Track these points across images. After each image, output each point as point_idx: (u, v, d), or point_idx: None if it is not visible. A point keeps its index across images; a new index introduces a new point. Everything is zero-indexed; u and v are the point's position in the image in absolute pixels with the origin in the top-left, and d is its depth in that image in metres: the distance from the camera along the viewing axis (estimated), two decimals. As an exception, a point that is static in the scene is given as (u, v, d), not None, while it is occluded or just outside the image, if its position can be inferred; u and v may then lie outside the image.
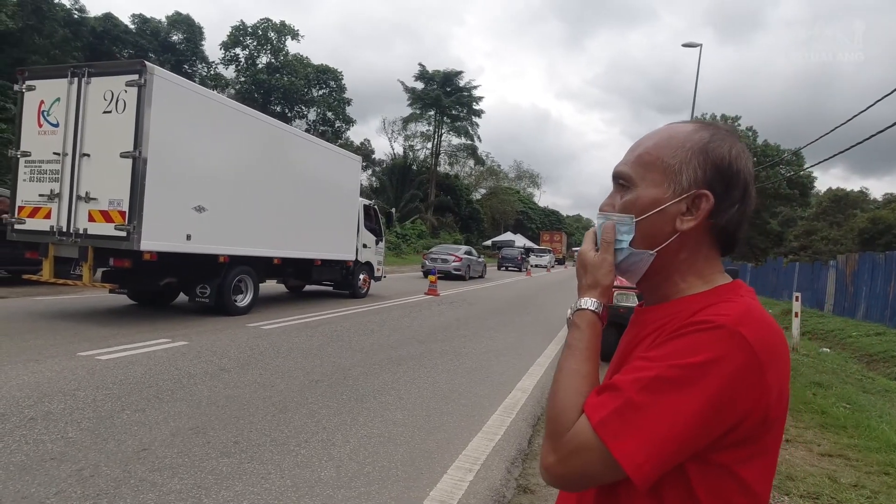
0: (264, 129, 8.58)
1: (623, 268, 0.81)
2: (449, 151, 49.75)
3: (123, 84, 6.41)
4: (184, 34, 35.40)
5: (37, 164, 6.83)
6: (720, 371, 0.64)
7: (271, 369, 5.08)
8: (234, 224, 7.85)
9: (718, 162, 0.76)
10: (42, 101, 6.85)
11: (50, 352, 5.00)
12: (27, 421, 3.34)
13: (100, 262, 6.80)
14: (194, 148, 7.17)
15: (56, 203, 6.68)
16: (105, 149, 6.52)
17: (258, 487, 2.77)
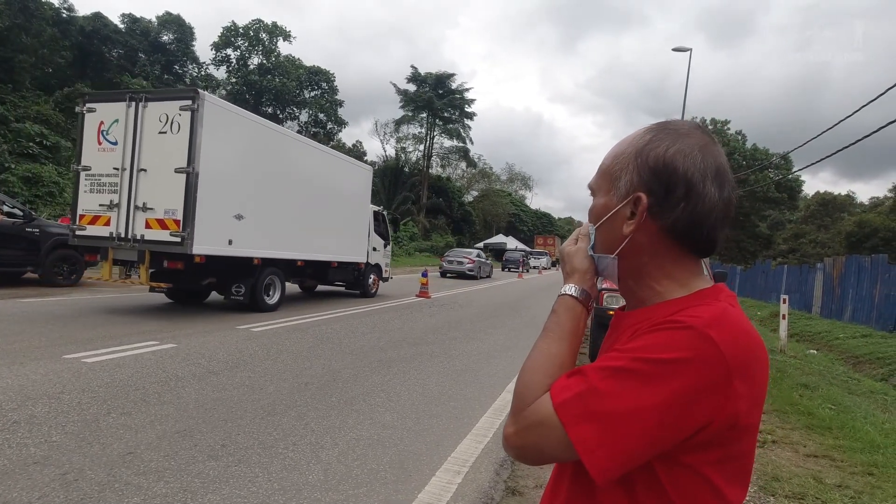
0: (291, 144, 9.61)
1: (599, 271, 0.83)
2: (441, 154, 49.85)
3: (178, 108, 7.31)
4: (174, 34, 35.15)
5: (96, 177, 7.68)
6: (685, 371, 0.64)
7: (260, 372, 5.05)
8: (266, 230, 8.71)
9: (653, 163, 0.75)
10: (102, 122, 7.70)
11: (35, 354, 4.94)
12: (10, 424, 3.29)
13: (155, 265, 7.60)
14: (236, 163, 8.09)
15: (115, 212, 7.52)
16: (161, 164, 7.35)
17: (245, 491, 2.75)
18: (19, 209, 9.73)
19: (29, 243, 9.52)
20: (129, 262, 7.73)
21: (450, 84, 45.84)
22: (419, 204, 43.76)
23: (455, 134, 47.43)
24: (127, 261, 7.73)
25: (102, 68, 30.23)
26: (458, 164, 53.70)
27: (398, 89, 45.74)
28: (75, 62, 29.26)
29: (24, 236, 9.45)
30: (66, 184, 17.81)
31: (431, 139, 47.41)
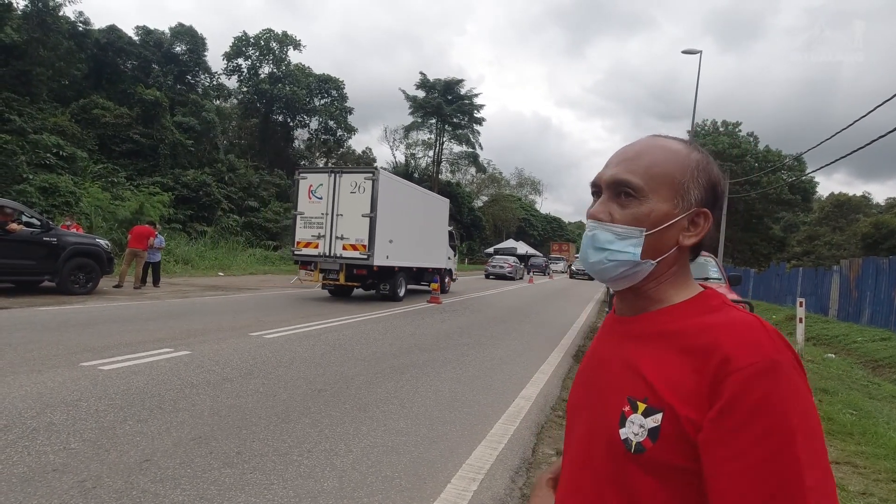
0: (411, 191, 14.29)
1: (616, 275, 0.81)
2: (450, 159, 49.97)
3: (363, 178, 11.82)
4: (187, 45, 35.63)
5: (308, 219, 12.21)
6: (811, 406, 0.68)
7: (274, 379, 5.06)
8: (401, 248, 12.89)
9: (715, 182, 0.82)
10: (311, 185, 12.25)
11: (52, 362, 5.00)
12: (30, 432, 3.33)
13: (348, 272, 11.98)
14: (391, 208, 12.31)
15: (322, 240, 12.03)
16: (352, 211, 11.81)
17: (261, 498, 2.75)
18: (37, 219, 9.88)
19: (46, 252, 9.67)
20: (331, 271, 12.03)
21: (458, 90, 45.99)
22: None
23: (464, 139, 47.57)
24: (330, 269, 12.03)
25: (117, 80, 30.72)
26: (468, 169, 53.80)
27: (407, 96, 46.03)
28: (91, 74, 29.77)
29: (42, 245, 9.60)
30: (83, 193, 18.09)
31: (441, 145, 47.59)
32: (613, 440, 0.75)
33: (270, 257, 24.02)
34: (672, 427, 0.69)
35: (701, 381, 0.68)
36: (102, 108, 25.28)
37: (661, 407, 0.71)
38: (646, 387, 0.74)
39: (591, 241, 0.82)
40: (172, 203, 22.61)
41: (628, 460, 0.72)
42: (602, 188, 0.83)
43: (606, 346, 0.86)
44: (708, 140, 41.82)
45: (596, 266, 0.82)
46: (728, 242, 35.79)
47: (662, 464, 0.70)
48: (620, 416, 0.75)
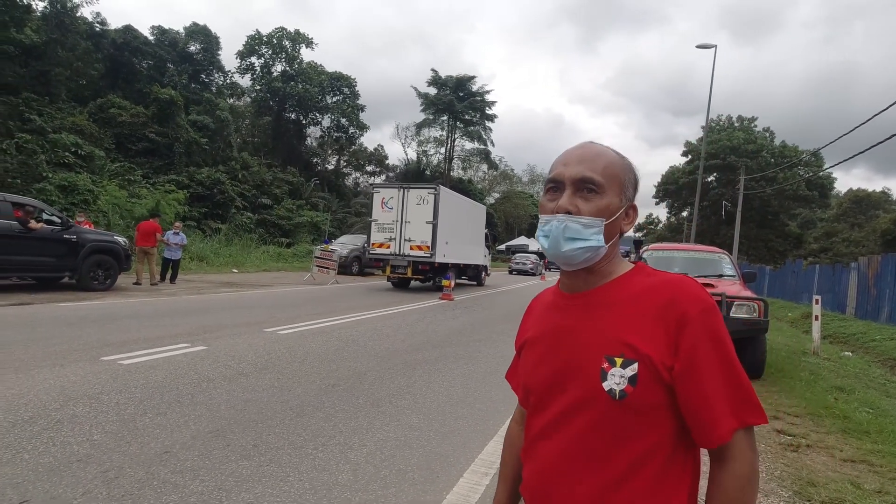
0: (460, 200, 17.58)
1: (583, 259, 0.96)
2: (462, 156, 49.91)
3: (427, 193, 14.89)
4: (201, 44, 35.95)
5: (381, 224, 15.22)
6: None
7: (288, 374, 5.14)
8: (453, 248, 15.87)
9: (637, 182, 1.03)
10: (383, 198, 15.30)
11: (74, 356, 5.13)
12: (54, 423, 3.43)
13: (414, 268, 14.87)
14: (447, 216, 15.24)
15: (393, 242, 14.99)
16: (418, 219, 14.79)
17: (277, 490, 2.81)
18: (57, 216, 10.09)
19: (66, 250, 9.87)
20: (400, 266, 14.94)
21: (470, 87, 45.89)
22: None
23: (476, 136, 47.46)
24: (399, 265, 14.94)
25: (133, 79, 31.11)
26: (480, 166, 53.71)
27: (419, 93, 46.02)
28: (107, 73, 30.20)
29: (62, 243, 9.80)
30: (100, 191, 18.38)
31: (452, 142, 47.55)
32: (598, 393, 0.91)
33: (283, 254, 24.22)
34: (647, 372, 0.88)
35: (667, 328, 0.89)
36: (119, 108, 25.63)
37: (636, 358, 0.89)
38: (619, 344, 0.91)
39: (564, 232, 0.94)
40: (187, 201, 22.88)
41: (613, 406, 0.90)
42: (566, 184, 0.97)
43: (562, 319, 1.01)
44: (723, 135, 41.29)
45: (568, 253, 0.95)
46: (743, 239, 35.31)
47: (642, 403, 0.89)
48: (601, 373, 0.91)
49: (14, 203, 9.40)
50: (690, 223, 29.91)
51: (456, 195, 17.37)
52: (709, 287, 6.42)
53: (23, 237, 9.19)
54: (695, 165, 37.75)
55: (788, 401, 5.46)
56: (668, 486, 0.90)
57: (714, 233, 40.44)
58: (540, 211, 1.01)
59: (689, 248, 8.59)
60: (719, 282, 6.87)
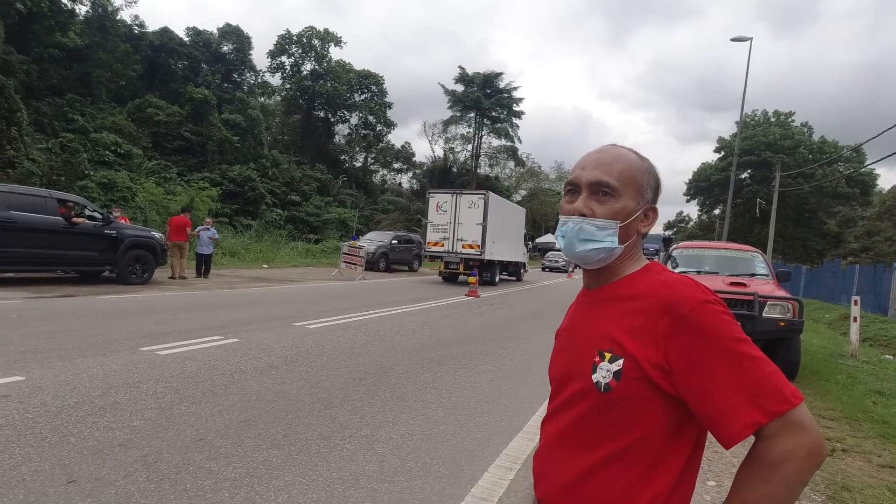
0: (505, 204, 19.35)
1: (597, 259, 1.00)
2: (489, 153, 49.70)
3: (478, 198, 16.72)
4: (233, 44, 36.77)
5: (436, 226, 17.11)
6: None
7: (316, 367, 5.25)
8: (499, 246, 17.76)
9: (658, 184, 1.05)
10: (438, 202, 17.21)
11: (115, 346, 5.35)
12: (97, 410, 3.60)
13: (465, 264, 16.69)
14: (495, 218, 17.05)
15: (446, 241, 16.86)
16: (469, 221, 16.58)
17: (307, 479, 2.89)
18: (98, 213, 10.50)
19: (107, 244, 10.27)
20: (453, 263, 16.86)
21: (497, 83, 45.63)
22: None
23: (503, 133, 47.18)
24: (452, 261, 16.88)
25: (169, 79, 32.05)
26: (507, 163, 53.41)
27: (446, 90, 45.99)
28: (145, 74, 31.19)
29: (103, 238, 10.20)
30: (138, 189, 19.03)
31: (479, 139, 47.41)
32: (589, 385, 0.96)
33: (312, 250, 24.62)
34: (631, 367, 0.91)
35: (658, 328, 0.90)
36: (156, 107, 26.45)
37: (622, 354, 0.93)
38: (610, 340, 0.95)
39: (578, 234, 0.99)
40: (220, 198, 23.47)
41: (600, 398, 0.94)
42: (582, 187, 1.01)
43: (578, 314, 1.08)
44: (758, 131, 40.09)
45: (582, 254, 1.00)
46: (778, 238, 34.25)
47: (625, 397, 0.92)
48: (592, 366, 0.96)
49: (59, 200, 9.83)
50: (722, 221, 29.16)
51: (502, 199, 19.36)
52: (740, 286, 6.28)
53: (67, 232, 9.60)
54: (728, 162, 36.80)
55: (824, 404, 5.31)
56: (651, 481, 0.91)
57: (747, 231, 39.34)
58: (560, 212, 1.06)
59: (720, 247, 8.40)
60: (752, 281, 6.71)
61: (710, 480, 3.32)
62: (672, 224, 63.66)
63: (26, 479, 2.62)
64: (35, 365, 4.49)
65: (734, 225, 38.09)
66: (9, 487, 2.52)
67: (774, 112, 43.15)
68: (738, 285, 6.34)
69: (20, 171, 16.06)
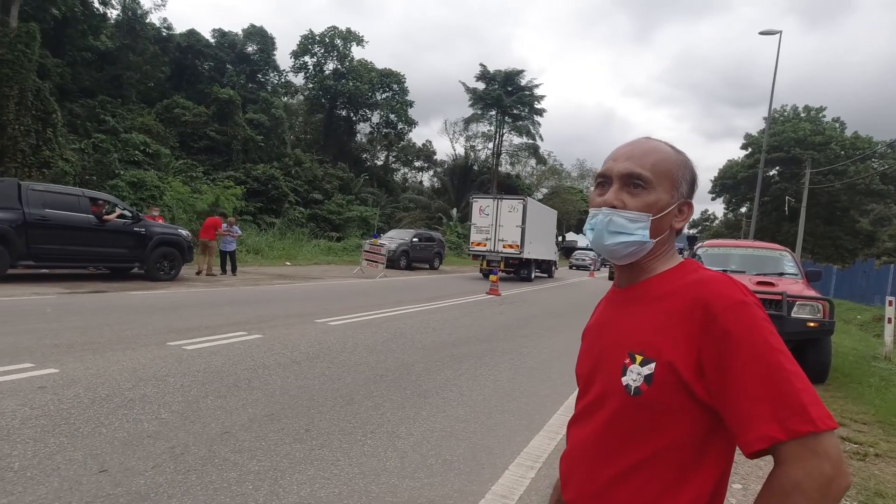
0: (540, 208, 21.18)
1: (627, 253, 0.97)
2: (510, 151, 49.41)
3: (517, 202, 18.38)
4: (258, 45, 37.33)
5: (479, 227, 18.65)
6: None
7: (338, 363, 5.31)
8: (534, 246, 19.10)
9: (694, 178, 1.02)
10: (480, 206, 18.75)
11: (144, 341, 5.50)
12: (127, 402, 3.70)
13: (506, 263, 18.23)
14: (532, 220, 18.61)
15: (488, 241, 18.37)
16: (509, 223, 18.15)
17: (329, 473, 2.93)
18: (128, 211, 10.78)
19: (136, 242, 10.54)
20: (494, 261, 17.97)
21: (519, 81, 45.31)
22: (488, 202, 43.72)
23: (524, 131, 46.83)
24: (493, 260, 18.10)
25: (195, 80, 32.70)
26: (528, 161, 53.02)
27: (467, 88, 45.84)
28: (173, 76, 31.88)
29: (133, 235, 10.48)
30: (166, 187, 19.48)
31: (500, 137, 47.16)
32: (617, 388, 0.93)
33: (334, 248, 24.86)
34: (664, 371, 0.87)
35: (691, 329, 0.87)
36: (183, 108, 27.02)
37: (655, 357, 0.89)
38: (642, 342, 0.92)
39: (608, 226, 0.97)
40: (244, 196, 23.87)
41: (628, 402, 0.91)
42: (613, 179, 0.98)
43: (608, 313, 1.05)
44: (787, 127, 39.05)
45: (611, 247, 0.97)
46: (807, 237, 33.34)
47: (656, 402, 0.88)
48: (622, 368, 0.93)
49: (91, 198, 10.13)
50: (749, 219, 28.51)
51: (537, 204, 21.49)
52: (768, 286, 6.14)
53: (99, 230, 9.89)
54: (755, 159, 35.94)
55: (856, 407, 5.15)
56: (684, 489, 0.88)
57: (775, 230, 38.38)
58: (589, 204, 1.03)
59: (746, 245, 8.21)
60: (780, 280, 6.54)
61: (736, 483, 3.26)
62: (697, 222, 62.47)
63: (60, 467, 2.71)
64: (69, 358, 4.64)
65: (761, 223, 37.19)
66: (44, 475, 2.62)
67: (805, 107, 41.96)
68: (765, 284, 6.19)
69: (55, 170, 16.59)
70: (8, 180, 9.89)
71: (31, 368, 4.25)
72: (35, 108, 16.66)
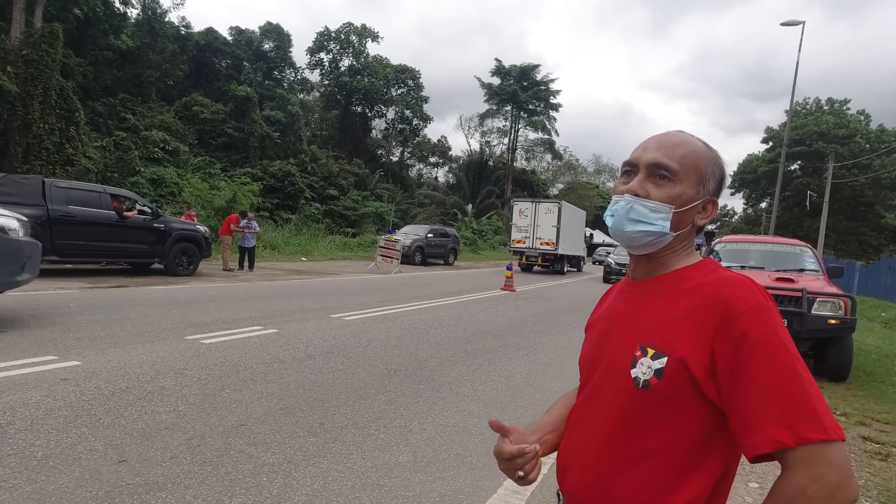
0: (572, 209, 23.64)
1: (644, 243, 0.96)
2: (525, 146, 49.18)
3: (552, 205, 21.68)
4: (274, 42, 37.65)
5: (519, 227, 21.72)
6: None
7: (353, 358, 5.35)
8: (568, 242, 21.80)
9: (722, 176, 0.99)
10: (520, 208, 21.95)
11: (162, 335, 5.60)
12: (146, 394, 3.78)
13: (544, 258, 21.53)
14: (565, 220, 21.38)
15: (527, 239, 21.47)
16: (546, 223, 21.20)
17: (342, 466, 2.96)
18: (149, 207, 10.97)
19: (156, 238, 10.73)
20: (533, 256, 21.25)
21: (534, 76, 45.02)
22: (503, 197, 43.54)
23: (540, 126, 46.55)
24: (531, 255, 21.23)
25: (213, 78, 33.11)
26: (543, 156, 52.73)
27: (482, 83, 45.70)
28: (191, 74, 32.33)
29: (153, 231, 10.66)
30: (185, 184, 19.79)
31: (516, 132, 46.94)
32: (625, 379, 0.92)
33: (349, 244, 25.02)
34: (675, 367, 0.86)
35: (707, 327, 0.85)
36: (201, 105, 27.40)
37: (667, 352, 0.88)
38: (655, 336, 0.91)
39: (628, 213, 0.95)
40: (261, 192, 24.14)
41: (636, 394, 0.90)
42: (640, 168, 0.97)
43: (620, 304, 1.04)
44: (809, 120, 38.18)
45: (630, 234, 0.96)
46: (830, 232, 32.61)
47: (664, 396, 0.87)
48: (632, 360, 0.92)
49: (112, 195, 10.33)
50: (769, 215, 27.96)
51: (570, 206, 23.80)
52: (787, 282, 6.02)
53: (119, 226, 10.08)
54: (776, 153, 35.22)
55: (878, 406, 5.04)
56: (686, 484, 0.87)
57: (797, 225, 37.62)
58: (613, 191, 1.02)
59: (766, 241, 8.06)
60: (800, 276, 6.41)
61: (752, 482, 3.22)
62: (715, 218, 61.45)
63: (81, 457, 2.78)
64: (91, 351, 4.75)
65: (782, 219, 36.48)
66: (66, 464, 2.69)
67: (828, 100, 40.97)
68: (785, 280, 6.08)
69: (78, 168, 16.96)
70: (33, 177, 10.12)
71: (54, 361, 4.36)
72: (59, 107, 17.03)
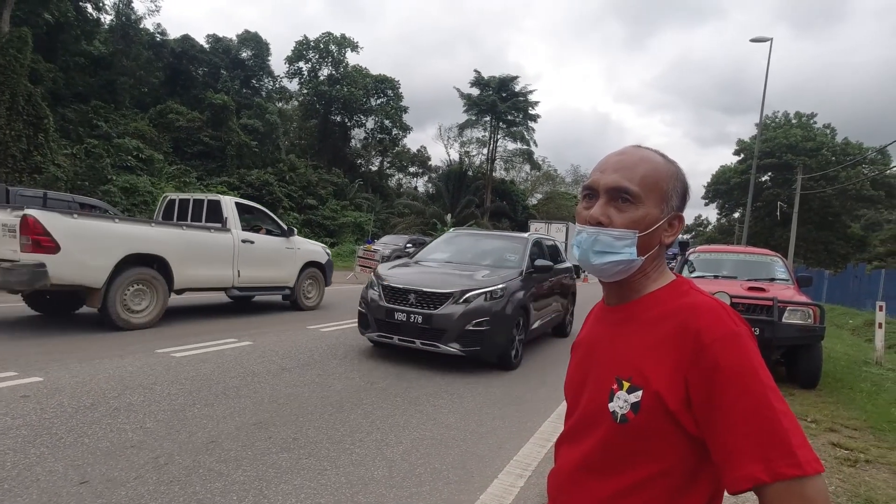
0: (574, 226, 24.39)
1: (615, 272, 0.93)
2: (504, 157, 49.55)
3: (561, 225, 30.13)
4: (252, 51, 37.34)
5: None
6: None
7: (329, 370, 5.26)
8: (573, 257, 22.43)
9: (685, 190, 0.96)
10: (536, 227, 28.78)
11: (132, 348, 5.43)
12: (112, 411, 3.65)
13: None
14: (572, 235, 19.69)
15: None
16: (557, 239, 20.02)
17: (315, 483, 2.89)
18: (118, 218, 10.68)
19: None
20: None
21: (513, 87, 45.51)
22: (483, 207, 43.70)
23: (519, 137, 46.98)
24: None
25: (190, 85, 32.63)
26: (522, 166, 53.18)
27: (462, 94, 45.96)
28: (167, 81, 31.80)
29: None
30: (159, 193, 19.39)
31: (495, 142, 47.29)
32: (603, 412, 0.90)
33: (328, 254, 24.82)
34: (651, 401, 0.84)
35: (680, 358, 0.84)
36: (177, 113, 26.95)
37: (642, 385, 0.86)
38: (630, 367, 0.89)
39: (593, 245, 0.92)
40: (238, 202, 23.81)
41: (614, 428, 0.88)
42: (600, 192, 0.93)
43: (597, 332, 1.01)
44: (779, 133, 39.40)
45: (599, 267, 0.93)
46: (800, 242, 33.55)
47: (642, 430, 0.86)
48: (610, 393, 0.90)
49: (81, 204, 10.04)
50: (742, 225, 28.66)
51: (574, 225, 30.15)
52: (759, 291, 6.15)
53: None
54: (747, 165, 36.18)
55: (847, 412, 5.16)
56: None
57: (768, 235, 38.63)
58: (576, 218, 0.99)
59: (738, 251, 8.23)
60: (771, 286, 6.56)
61: None
62: (690, 228, 62.82)
63: (40, 478, 2.66)
64: (54, 366, 4.57)
65: (754, 229, 37.43)
66: (23, 487, 2.56)
67: (796, 113, 42.35)
68: (756, 290, 6.21)
69: (46, 176, 16.48)
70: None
71: (14, 377, 4.18)
72: (27, 114, 16.57)
